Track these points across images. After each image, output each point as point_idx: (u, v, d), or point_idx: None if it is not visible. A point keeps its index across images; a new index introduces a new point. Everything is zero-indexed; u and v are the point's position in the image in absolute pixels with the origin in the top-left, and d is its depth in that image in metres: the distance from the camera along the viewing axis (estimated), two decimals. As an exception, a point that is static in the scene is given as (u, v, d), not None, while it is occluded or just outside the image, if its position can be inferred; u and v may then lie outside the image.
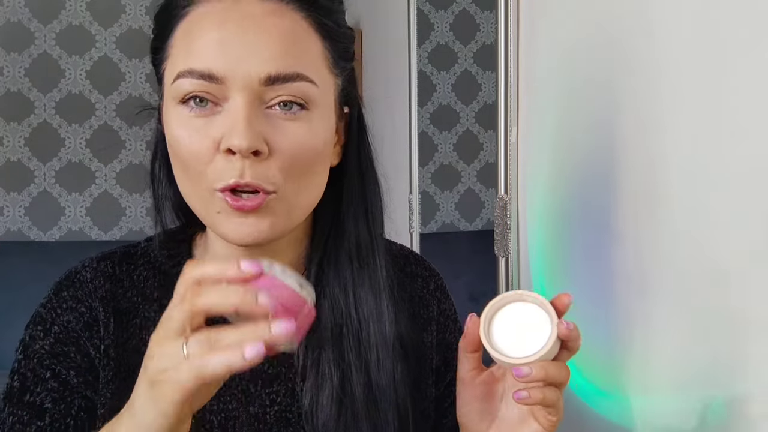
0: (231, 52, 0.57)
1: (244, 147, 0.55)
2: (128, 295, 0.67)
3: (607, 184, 0.79)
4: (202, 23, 0.58)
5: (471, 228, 3.03)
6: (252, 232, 0.58)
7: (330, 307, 0.66)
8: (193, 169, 0.59)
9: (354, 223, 0.68)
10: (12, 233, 2.60)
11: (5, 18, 2.58)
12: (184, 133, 0.58)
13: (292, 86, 0.58)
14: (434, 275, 0.77)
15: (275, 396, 0.66)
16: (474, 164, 3.03)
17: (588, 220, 0.83)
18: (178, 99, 0.58)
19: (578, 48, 0.85)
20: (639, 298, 0.73)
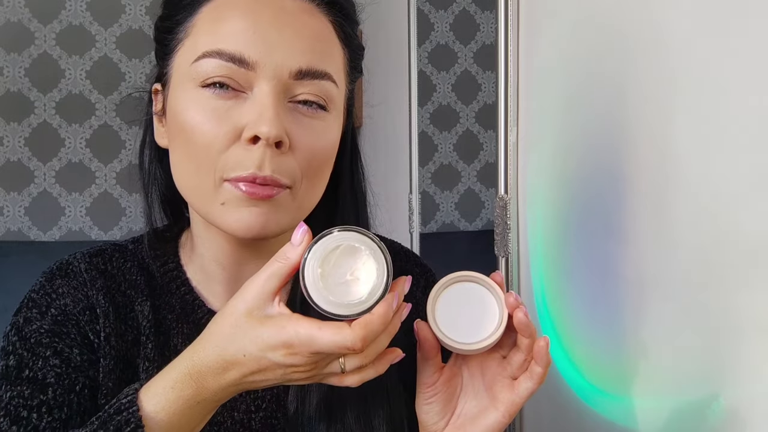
0: (265, 39, 0.56)
1: (273, 135, 0.54)
2: (122, 288, 0.66)
3: (607, 184, 0.79)
4: (235, 9, 0.57)
5: (471, 228, 3.03)
6: (260, 222, 0.57)
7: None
8: (205, 157, 0.57)
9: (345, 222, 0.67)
10: (12, 233, 2.59)
11: (5, 18, 2.58)
12: (201, 117, 0.56)
13: (319, 84, 0.58)
14: (425, 272, 0.76)
15: (260, 402, 0.65)
16: (474, 164, 3.03)
17: (588, 219, 0.83)
18: (199, 81, 0.56)
19: (578, 48, 0.85)
20: (639, 298, 0.73)
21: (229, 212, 0.57)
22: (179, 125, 0.58)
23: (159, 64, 0.63)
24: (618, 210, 0.76)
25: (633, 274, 0.74)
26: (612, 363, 0.79)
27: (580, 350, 0.86)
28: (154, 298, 0.66)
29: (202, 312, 0.66)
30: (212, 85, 0.56)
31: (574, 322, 0.88)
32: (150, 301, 0.66)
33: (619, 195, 0.76)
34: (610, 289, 0.79)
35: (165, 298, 0.66)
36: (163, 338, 0.65)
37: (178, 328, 0.65)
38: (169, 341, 0.65)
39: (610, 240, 0.79)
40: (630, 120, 0.74)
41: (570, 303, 0.89)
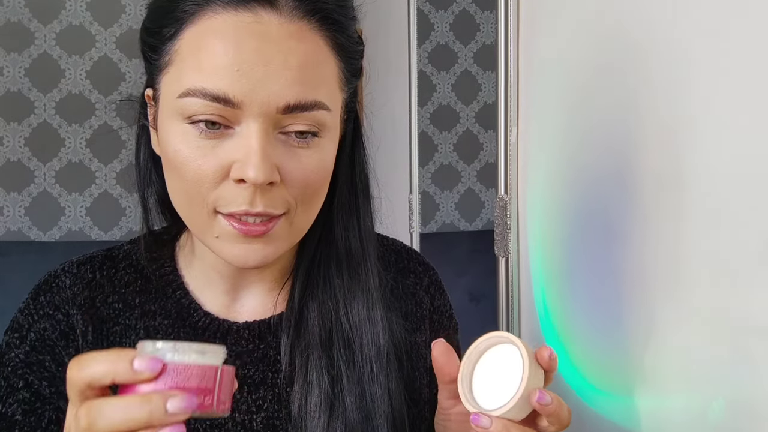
0: (250, 76, 0.53)
1: (260, 180, 0.53)
2: (109, 300, 0.65)
3: (607, 184, 0.79)
4: (216, 39, 0.53)
5: (471, 228, 3.03)
6: (257, 258, 0.56)
7: (318, 312, 0.64)
8: (194, 191, 0.55)
9: (344, 231, 0.66)
10: (12, 233, 2.60)
11: (5, 18, 2.58)
12: (189, 153, 0.55)
13: (309, 115, 0.55)
14: (428, 270, 0.75)
15: (261, 402, 0.64)
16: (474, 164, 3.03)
17: (588, 219, 0.83)
18: (185, 118, 0.54)
19: (578, 48, 0.85)
20: (639, 298, 0.73)
21: (224, 246, 0.56)
22: (169, 157, 0.57)
23: (148, 72, 0.61)
24: (618, 210, 0.77)
25: (633, 273, 0.74)
26: (612, 363, 0.79)
27: (580, 350, 0.86)
28: (149, 304, 0.65)
29: (198, 315, 0.65)
30: (199, 122, 0.54)
31: (574, 322, 0.88)
32: (142, 309, 0.65)
33: (620, 195, 0.76)
34: (610, 289, 0.79)
35: (160, 303, 0.66)
36: None
37: (174, 333, 0.65)
38: None
39: (610, 240, 0.79)
40: (631, 119, 0.74)
41: (570, 303, 0.89)
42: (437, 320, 0.73)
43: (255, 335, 0.65)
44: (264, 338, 0.65)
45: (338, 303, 0.65)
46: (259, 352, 0.65)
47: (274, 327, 0.66)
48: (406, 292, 0.72)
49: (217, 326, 0.65)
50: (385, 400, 0.63)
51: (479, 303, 1.40)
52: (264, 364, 0.65)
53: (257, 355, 0.65)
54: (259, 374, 0.64)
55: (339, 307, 0.65)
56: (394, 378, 0.64)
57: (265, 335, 0.65)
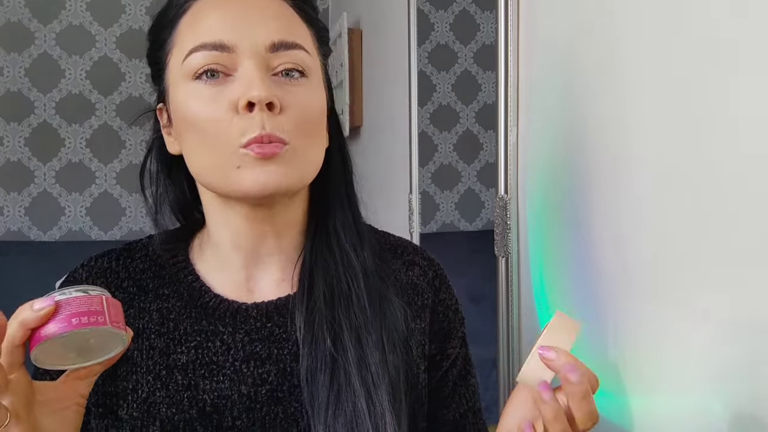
0: (238, 24, 0.64)
1: (263, 96, 0.61)
2: (124, 285, 0.71)
3: (607, 184, 0.79)
4: (205, 10, 0.65)
5: (471, 228, 3.03)
6: (270, 178, 0.62)
7: (323, 276, 0.70)
8: (214, 134, 0.63)
9: (339, 201, 0.73)
10: (12, 233, 2.60)
11: (5, 18, 2.58)
12: (200, 104, 0.63)
13: (293, 54, 0.65)
14: (433, 265, 0.79)
15: (266, 375, 0.68)
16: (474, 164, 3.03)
17: (588, 219, 0.83)
18: (191, 74, 0.64)
19: (578, 48, 0.85)
20: (640, 298, 0.73)
21: (244, 174, 0.63)
22: (185, 120, 0.65)
23: (157, 85, 0.70)
24: (618, 209, 0.77)
25: (634, 273, 0.74)
26: (612, 363, 0.79)
27: (580, 350, 0.86)
28: (163, 288, 0.71)
29: (209, 296, 0.70)
30: (203, 74, 0.63)
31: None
32: (156, 293, 0.70)
33: (620, 195, 0.76)
34: (610, 289, 0.79)
35: (173, 287, 0.71)
36: (172, 325, 0.69)
37: (186, 313, 0.69)
38: (178, 326, 0.69)
39: (610, 239, 0.79)
40: (630, 120, 0.74)
41: (570, 303, 0.89)
42: (442, 312, 0.76)
43: (263, 314, 0.69)
44: (271, 318, 0.69)
45: (337, 264, 0.70)
46: (266, 330, 0.69)
47: (280, 308, 0.70)
48: (408, 282, 0.75)
49: (226, 306, 0.70)
50: (379, 347, 0.68)
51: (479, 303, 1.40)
52: (270, 341, 0.69)
53: (264, 333, 0.69)
54: (265, 350, 0.68)
55: (338, 266, 0.70)
56: (386, 328, 0.69)
57: (272, 315, 0.70)
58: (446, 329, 0.75)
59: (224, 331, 0.68)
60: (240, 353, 0.67)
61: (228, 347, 0.68)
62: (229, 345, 0.68)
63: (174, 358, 0.67)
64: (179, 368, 0.67)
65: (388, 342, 0.68)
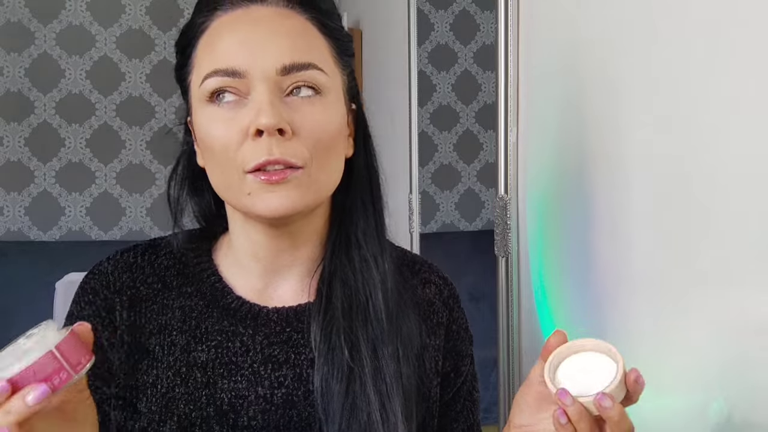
0: (249, 49, 0.64)
1: (271, 124, 0.61)
2: (149, 281, 0.72)
3: (607, 184, 0.79)
4: (220, 32, 0.66)
5: (471, 228, 3.03)
6: (281, 203, 0.63)
7: (342, 288, 0.70)
8: (224, 157, 0.64)
9: (363, 212, 0.73)
10: (12, 233, 2.60)
11: (5, 18, 2.58)
12: (214, 126, 0.65)
13: (306, 74, 0.64)
14: (448, 284, 0.79)
15: (283, 379, 0.69)
16: (474, 164, 3.03)
17: (588, 219, 0.83)
18: (206, 97, 0.65)
19: (578, 48, 0.85)
20: (639, 298, 0.73)
21: (255, 200, 0.64)
22: (203, 140, 0.67)
23: (184, 100, 0.72)
24: (618, 210, 0.77)
25: (633, 273, 0.74)
26: (612, 363, 0.79)
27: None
28: (186, 286, 0.72)
29: (231, 297, 0.71)
30: (217, 98, 0.65)
31: (574, 322, 0.88)
32: (179, 290, 0.72)
33: (620, 194, 0.76)
34: (610, 289, 0.79)
35: (197, 286, 0.72)
36: (194, 323, 0.70)
37: (208, 312, 0.71)
38: (200, 324, 0.70)
39: (610, 240, 0.79)
40: (630, 120, 0.74)
41: (570, 303, 0.89)
42: (455, 331, 0.77)
43: (283, 319, 0.71)
44: (291, 323, 0.71)
45: (356, 273, 0.71)
46: (285, 335, 0.70)
47: (300, 314, 0.71)
48: (425, 299, 0.76)
49: (248, 308, 0.71)
50: (394, 359, 0.68)
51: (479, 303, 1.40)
52: (288, 345, 0.70)
53: (283, 337, 0.70)
54: (282, 354, 0.70)
55: (357, 277, 0.71)
56: (401, 341, 0.69)
57: (291, 320, 0.71)
58: (459, 348, 0.76)
59: (244, 332, 0.70)
60: (258, 355, 0.69)
61: (247, 348, 0.69)
62: (248, 346, 0.69)
63: (194, 355, 0.69)
64: (199, 366, 0.68)
65: (403, 355, 0.69)
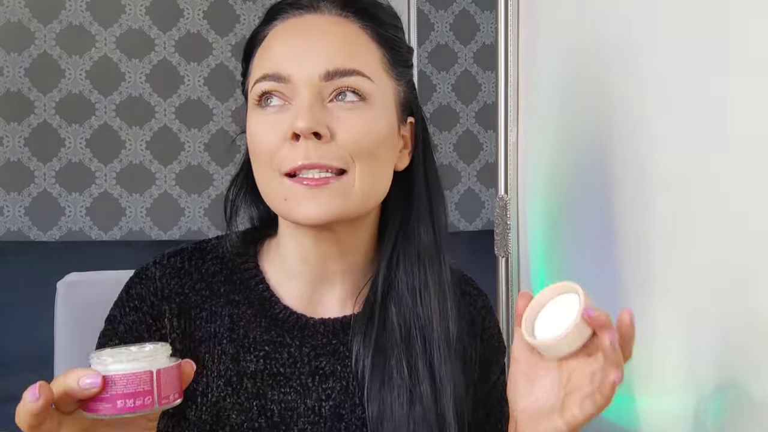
0: (296, 55, 0.65)
1: (306, 127, 0.61)
2: (197, 287, 0.71)
3: (607, 184, 0.79)
4: (273, 41, 0.68)
5: (471, 228, 3.03)
6: (320, 211, 0.63)
7: (398, 310, 0.70)
8: (266, 160, 0.65)
9: (422, 226, 0.71)
10: (12, 233, 2.59)
11: (5, 18, 2.58)
12: (259, 129, 0.66)
13: (349, 80, 0.64)
14: (481, 294, 0.80)
15: (330, 392, 0.69)
16: (474, 164, 3.03)
17: (588, 219, 0.83)
18: (255, 101, 0.66)
19: (578, 48, 0.85)
20: (639, 298, 0.73)
21: (292, 206, 0.64)
22: (250, 144, 0.68)
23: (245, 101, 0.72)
24: (618, 210, 0.77)
25: (632, 273, 0.74)
26: (612, 363, 0.79)
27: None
28: (234, 293, 0.72)
29: (279, 308, 0.71)
30: (263, 100, 0.66)
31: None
32: (227, 297, 0.71)
33: (620, 195, 0.76)
34: (609, 289, 0.79)
35: (244, 294, 0.71)
36: (242, 332, 0.70)
37: (256, 322, 0.70)
38: (248, 334, 0.70)
39: (610, 240, 0.79)
40: (631, 120, 0.74)
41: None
42: (487, 340, 0.77)
43: (329, 331, 0.71)
44: (337, 335, 0.71)
45: (415, 296, 0.70)
46: (332, 347, 0.70)
47: (346, 326, 0.71)
48: (462, 310, 0.75)
49: (295, 319, 0.71)
50: (450, 385, 0.68)
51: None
52: (335, 357, 0.70)
53: (329, 349, 0.70)
54: (329, 366, 0.70)
55: (416, 300, 0.70)
56: (458, 365, 0.69)
57: (338, 332, 0.71)
58: (489, 356, 0.76)
59: (291, 343, 0.70)
60: (306, 367, 0.69)
61: (294, 360, 0.69)
62: (295, 358, 0.69)
63: (244, 365, 0.68)
64: (249, 376, 0.68)
65: (458, 379, 0.69)
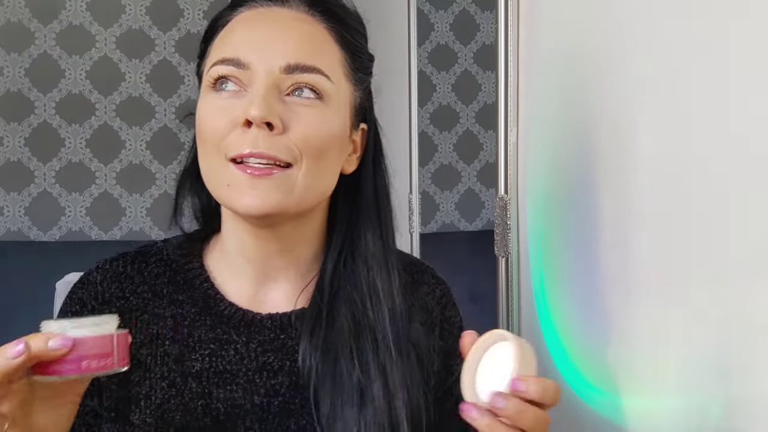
0: (257, 42, 0.65)
1: (258, 116, 0.61)
2: (138, 290, 0.71)
3: (607, 184, 0.79)
4: (237, 25, 0.67)
5: (471, 228, 3.03)
6: (260, 203, 0.62)
7: (347, 309, 0.69)
8: (211, 143, 0.64)
9: (368, 231, 0.71)
10: (12, 233, 2.59)
11: (5, 18, 2.58)
12: (210, 113, 0.65)
13: (309, 77, 0.64)
14: (440, 283, 0.79)
15: (279, 387, 0.68)
16: (474, 164, 3.03)
17: (588, 219, 0.83)
18: (210, 84, 0.65)
19: (578, 48, 0.85)
20: (639, 298, 0.73)
21: (234, 193, 0.63)
22: (198, 127, 0.66)
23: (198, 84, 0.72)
24: (618, 210, 0.77)
25: (633, 274, 0.74)
26: (611, 362, 0.79)
27: (580, 350, 0.86)
28: (177, 293, 0.71)
29: (224, 305, 0.70)
30: (218, 83, 0.64)
31: (574, 322, 0.88)
32: (170, 298, 0.70)
33: (620, 195, 0.76)
34: (609, 289, 0.79)
35: (188, 293, 0.71)
36: (186, 331, 0.69)
37: (201, 320, 0.69)
38: (192, 333, 0.69)
39: (610, 240, 0.79)
40: (631, 120, 0.74)
41: (570, 303, 0.89)
42: (448, 330, 0.76)
43: (276, 326, 0.70)
44: (285, 329, 0.70)
45: (364, 297, 0.70)
46: (279, 341, 0.69)
47: (294, 320, 0.70)
48: (418, 300, 0.75)
49: (241, 316, 0.70)
50: (404, 388, 0.67)
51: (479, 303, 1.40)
52: (283, 352, 0.69)
53: (277, 344, 0.69)
54: (278, 362, 0.69)
55: (365, 302, 0.69)
56: (411, 367, 0.68)
57: (286, 327, 0.70)
58: (450, 346, 0.75)
59: (238, 340, 0.69)
60: (253, 363, 0.68)
61: (241, 356, 0.68)
62: (242, 354, 0.68)
63: (188, 365, 0.68)
64: (193, 375, 0.67)
65: (411, 382, 0.68)
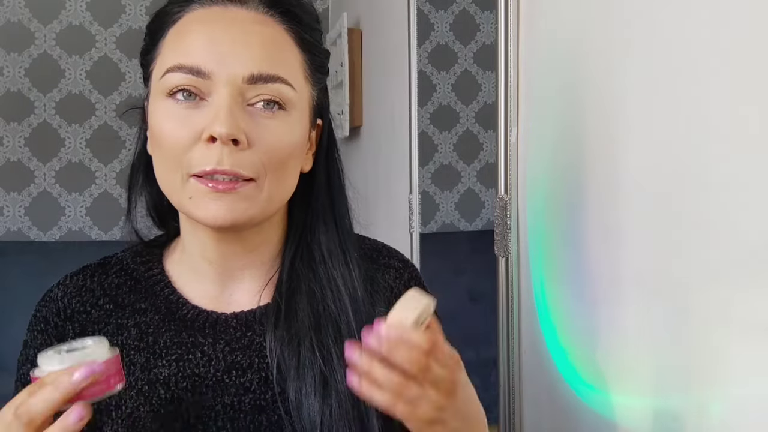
0: (218, 50, 0.62)
1: (225, 133, 0.59)
2: (100, 302, 0.71)
3: (606, 184, 0.79)
4: (192, 25, 0.64)
5: (471, 228, 3.02)
6: (224, 215, 0.62)
7: (307, 302, 0.69)
8: (171, 155, 0.62)
9: (323, 225, 0.71)
10: (12, 233, 2.59)
11: (5, 18, 2.58)
12: (168, 123, 0.62)
13: (273, 87, 0.63)
14: (408, 267, 0.78)
15: (249, 384, 0.68)
16: (474, 164, 3.02)
17: (588, 219, 0.83)
18: (166, 92, 0.63)
19: (578, 48, 0.85)
20: (639, 298, 0.73)
21: (196, 205, 0.62)
22: (154, 132, 0.65)
23: (145, 86, 0.70)
24: (617, 210, 0.77)
25: (633, 274, 0.74)
26: (611, 363, 0.79)
27: (579, 350, 0.86)
28: (139, 302, 0.71)
29: (187, 308, 0.70)
30: (177, 93, 0.62)
31: (573, 322, 0.88)
32: (133, 307, 0.70)
33: (620, 195, 0.76)
34: (609, 289, 0.79)
35: (151, 300, 0.70)
36: (151, 339, 0.69)
37: (165, 326, 0.69)
38: (158, 340, 0.69)
39: (609, 240, 0.79)
40: (630, 120, 0.74)
41: (570, 303, 0.89)
42: None
43: (242, 324, 0.69)
44: (251, 327, 0.69)
45: (324, 290, 0.69)
46: (247, 339, 0.69)
47: (260, 317, 0.70)
48: (385, 285, 0.75)
49: (205, 317, 0.69)
50: None
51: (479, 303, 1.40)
52: (251, 350, 0.69)
53: (245, 342, 0.69)
54: (246, 359, 0.68)
55: (326, 294, 0.69)
56: None
57: (252, 324, 0.70)
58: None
59: (204, 342, 0.68)
60: (221, 363, 0.68)
61: (209, 358, 0.68)
62: (209, 356, 0.68)
63: (155, 372, 0.67)
64: (161, 382, 0.67)
65: None
